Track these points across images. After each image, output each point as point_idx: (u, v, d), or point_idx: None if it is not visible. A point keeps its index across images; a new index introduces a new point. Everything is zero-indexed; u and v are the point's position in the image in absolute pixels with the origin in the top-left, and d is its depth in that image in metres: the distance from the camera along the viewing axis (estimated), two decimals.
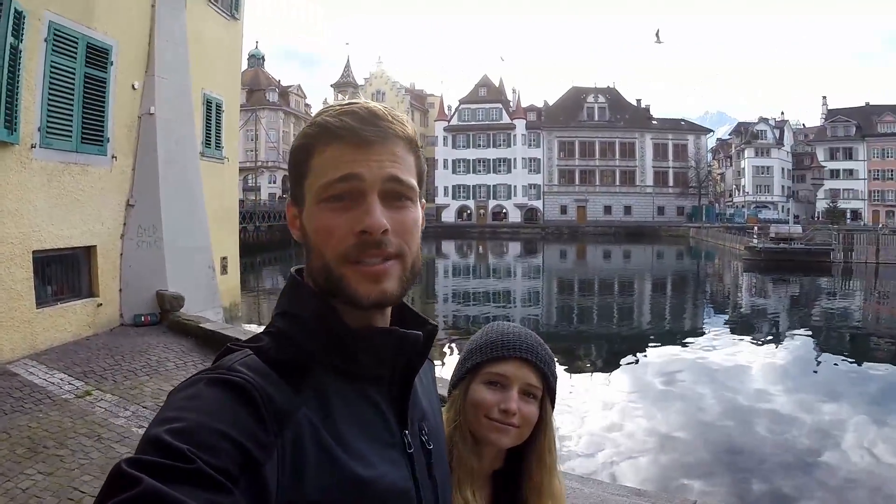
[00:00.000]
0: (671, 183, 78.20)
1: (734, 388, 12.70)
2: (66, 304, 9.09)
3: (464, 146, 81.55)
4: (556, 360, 1.42)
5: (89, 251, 9.65)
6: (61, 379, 7.34)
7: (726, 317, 23.17)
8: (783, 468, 8.71)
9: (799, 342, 18.28)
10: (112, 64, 9.49)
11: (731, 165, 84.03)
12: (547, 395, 1.39)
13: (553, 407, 1.41)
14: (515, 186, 79.19)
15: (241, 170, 69.91)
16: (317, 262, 0.93)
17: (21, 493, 4.59)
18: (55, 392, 6.89)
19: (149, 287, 10.27)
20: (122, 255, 10.23)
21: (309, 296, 0.94)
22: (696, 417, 10.86)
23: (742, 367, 14.51)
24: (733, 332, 19.52)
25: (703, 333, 19.36)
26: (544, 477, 1.39)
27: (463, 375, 1.40)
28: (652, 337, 19.31)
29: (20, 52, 7.38)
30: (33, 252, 8.35)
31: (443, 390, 1.40)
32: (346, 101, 0.96)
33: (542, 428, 1.38)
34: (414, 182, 0.96)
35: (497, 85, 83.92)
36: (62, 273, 9.27)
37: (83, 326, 9.31)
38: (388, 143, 0.93)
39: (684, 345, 17.37)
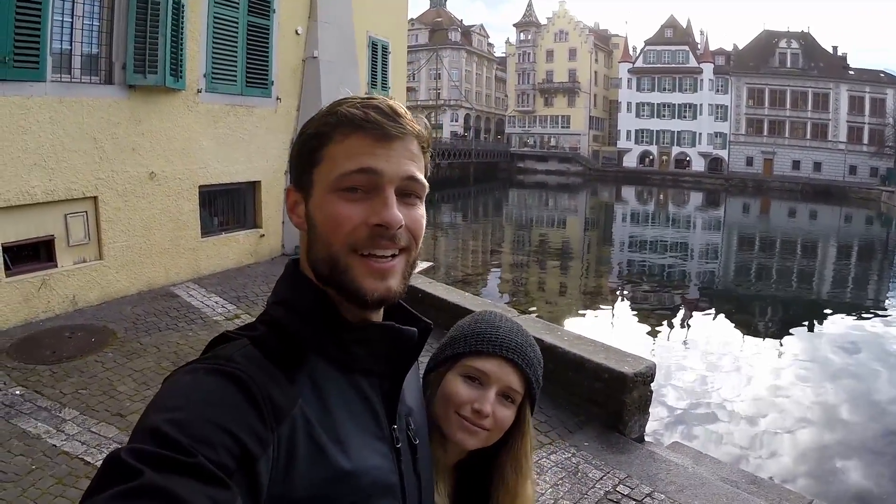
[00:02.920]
0: (866, 140, 69.44)
1: None
2: (229, 234, 9.91)
3: (648, 89, 77.84)
4: (543, 363, 1.35)
5: (254, 186, 10.37)
6: (216, 302, 8.10)
7: None
8: None
9: None
10: (274, 12, 10.00)
11: None
12: (527, 400, 1.31)
13: (532, 412, 1.34)
14: (700, 134, 74.69)
15: (423, 108, 71.46)
16: (322, 251, 0.93)
17: None
18: (208, 313, 7.64)
19: None
20: (286, 190, 10.89)
21: (307, 287, 0.96)
22: (862, 403, 9.98)
23: None
24: None
25: (886, 309, 17.70)
26: (519, 482, 1.32)
27: (440, 362, 1.31)
28: (830, 306, 17.81)
29: (182, 5, 7.98)
30: (199, 187, 9.14)
31: None
32: (366, 95, 0.96)
33: (518, 434, 1.31)
34: (425, 181, 0.98)
35: (684, 26, 78.68)
36: (228, 206, 10.07)
37: (245, 255, 10.13)
38: (407, 141, 0.94)
39: (865, 319, 15.90)
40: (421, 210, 0.97)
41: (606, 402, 5.20)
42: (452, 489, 1.32)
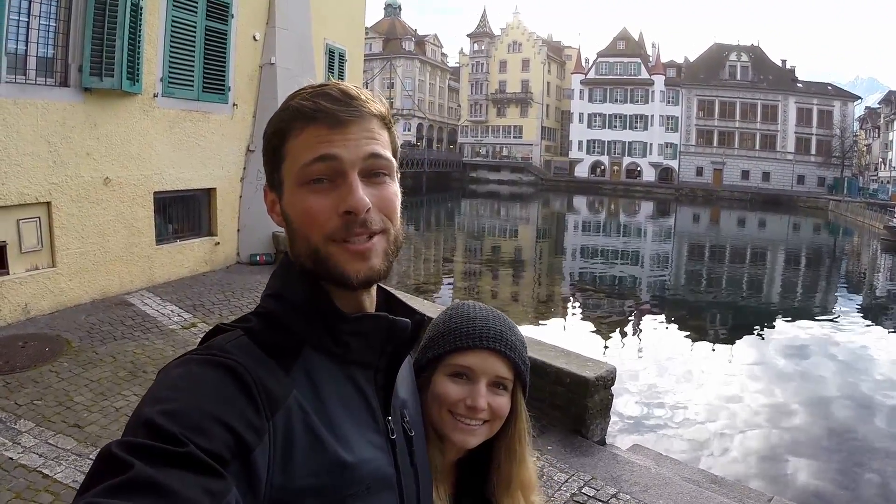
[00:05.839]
0: (813, 151, 71.99)
1: (858, 376, 11.97)
2: (184, 241, 9.77)
3: (600, 100, 79.01)
4: (527, 346, 1.32)
5: (209, 193, 10.23)
6: (171, 311, 7.96)
7: (859, 299, 21.66)
8: (891, 474, 8.00)
9: None
10: (233, 17, 9.92)
11: (879, 137, 74.75)
12: (518, 384, 1.29)
13: (525, 395, 1.31)
14: (651, 144, 76.12)
15: None
16: (302, 244, 0.94)
17: (114, 411, 5.11)
18: (164, 322, 7.50)
19: (265, 228, 10.75)
20: (241, 197, 10.76)
21: (300, 279, 0.95)
22: (812, 403, 10.32)
23: (871, 355, 13.57)
24: (865, 316, 18.22)
25: (833, 314, 18.24)
26: (513, 468, 1.30)
27: (424, 366, 1.28)
28: (779, 312, 18.39)
29: (141, 8, 7.87)
30: (154, 193, 8.99)
31: None
32: (318, 84, 0.96)
33: (512, 419, 1.29)
34: (391, 157, 0.97)
35: (636, 39, 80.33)
36: (183, 213, 9.91)
37: (200, 263, 9.98)
38: (364, 122, 0.94)
39: (813, 324, 16.42)
40: (392, 187, 0.97)
41: (568, 407, 5.25)
42: (453, 489, 1.31)
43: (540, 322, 15.34)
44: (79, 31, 7.36)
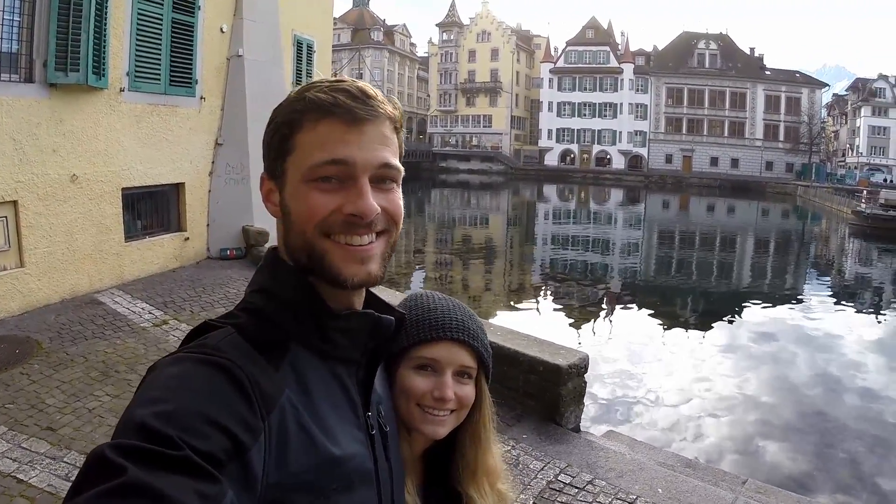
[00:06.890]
0: (782, 137, 73.39)
1: (827, 358, 12.22)
2: (154, 238, 9.64)
3: (569, 89, 79.58)
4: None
5: (178, 188, 10.11)
6: (142, 308, 7.87)
7: (827, 283, 22.17)
8: (862, 453, 8.15)
9: None
10: (199, 9, 9.77)
11: (846, 123, 76.99)
12: (482, 371, 1.29)
13: (489, 381, 1.32)
14: (621, 132, 76.87)
15: None
16: (297, 239, 0.93)
17: (87, 413, 5.06)
18: (135, 320, 7.42)
19: (235, 222, 10.68)
20: (210, 191, 10.65)
21: (288, 275, 0.95)
22: (783, 386, 10.51)
23: (839, 337, 13.88)
24: (833, 299, 18.62)
25: (801, 298, 18.62)
26: (478, 454, 1.31)
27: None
28: (749, 296, 18.70)
29: (106, 1, 7.71)
30: (122, 189, 8.86)
31: None
32: (335, 78, 0.95)
33: (477, 406, 1.29)
34: (400, 165, 0.96)
35: (605, 27, 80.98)
36: (151, 209, 9.77)
37: (170, 259, 9.87)
38: (378, 123, 0.93)
39: (782, 307, 16.80)
40: (398, 193, 0.97)
41: (542, 395, 5.30)
42: (421, 482, 1.31)
43: (512, 311, 15.44)
44: (43, 26, 7.20)
